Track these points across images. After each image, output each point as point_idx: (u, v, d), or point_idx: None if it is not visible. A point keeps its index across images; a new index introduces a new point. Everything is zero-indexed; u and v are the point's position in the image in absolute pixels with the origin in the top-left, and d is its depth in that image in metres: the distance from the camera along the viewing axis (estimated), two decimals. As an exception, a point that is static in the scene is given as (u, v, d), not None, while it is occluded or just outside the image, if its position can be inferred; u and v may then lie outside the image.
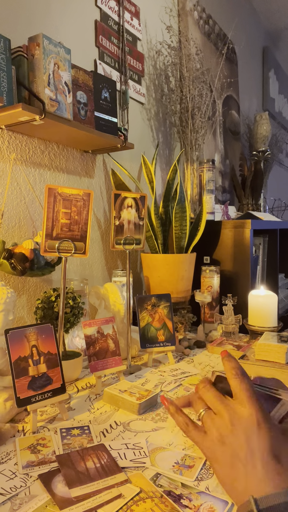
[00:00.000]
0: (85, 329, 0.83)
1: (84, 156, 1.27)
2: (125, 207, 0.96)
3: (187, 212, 1.33)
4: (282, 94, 3.47)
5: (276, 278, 1.81)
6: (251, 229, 1.39)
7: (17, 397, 0.64)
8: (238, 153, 2.45)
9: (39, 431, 0.66)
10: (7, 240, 1.02)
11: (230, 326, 1.15)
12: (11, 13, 1.01)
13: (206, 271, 1.31)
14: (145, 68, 1.59)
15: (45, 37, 0.88)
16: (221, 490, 0.51)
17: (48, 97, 0.90)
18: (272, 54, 3.14)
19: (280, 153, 2.85)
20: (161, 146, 1.72)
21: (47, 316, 0.89)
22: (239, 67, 2.49)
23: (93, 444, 0.61)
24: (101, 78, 1.16)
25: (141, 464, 0.56)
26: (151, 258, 1.30)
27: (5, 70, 0.84)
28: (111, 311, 1.03)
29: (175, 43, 1.71)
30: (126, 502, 0.48)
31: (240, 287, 1.39)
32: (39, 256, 0.96)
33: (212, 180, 1.54)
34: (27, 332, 0.68)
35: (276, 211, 2.77)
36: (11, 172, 1.03)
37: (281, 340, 0.91)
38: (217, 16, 2.17)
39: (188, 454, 0.59)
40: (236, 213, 1.95)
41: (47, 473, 0.54)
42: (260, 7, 2.74)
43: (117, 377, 0.89)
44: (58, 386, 0.69)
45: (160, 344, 0.98)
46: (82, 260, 1.28)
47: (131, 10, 1.49)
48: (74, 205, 0.83)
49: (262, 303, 1.11)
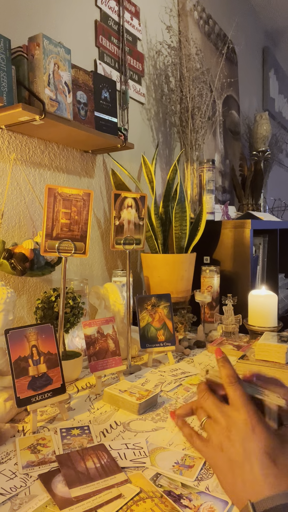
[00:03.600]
0: (85, 329, 0.83)
1: (84, 156, 1.27)
2: (125, 207, 0.96)
3: (187, 212, 1.33)
4: (282, 94, 3.46)
5: (276, 278, 1.81)
6: (251, 229, 1.39)
7: (17, 397, 0.64)
8: (238, 153, 2.45)
9: (39, 431, 0.66)
10: (7, 240, 1.02)
11: (230, 326, 1.15)
12: (11, 13, 1.01)
13: (206, 271, 1.31)
14: (145, 68, 1.59)
15: (45, 37, 0.88)
16: (221, 490, 0.51)
17: (48, 97, 0.90)
18: (272, 54, 3.14)
19: (280, 153, 2.85)
20: (161, 146, 1.72)
21: (47, 316, 0.89)
22: (239, 67, 2.49)
23: (93, 444, 0.61)
24: (101, 78, 1.16)
25: (141, 464, 0.56)
26: (151, 258, 1.30)
27: (5, 70, 0.84)
28: (111, 311, 1.03)
29: (175, 43, 1.71)
30: (126, 502, 0.48)
31: (240, 287, 1.39)
32: (39, 256, 0.96)
33: (212, 180, 1.54)
34: (27, 332, 0.68)
35: (276, 211, 2.77)
36: (11, 172, 1.03)
37: (281, 340, 0.91)
38: (217, 16, 2.17)
39: (188, 454, 0.59)
40: (236, 213, 1.95)
41: (47, 473, 0.54)
42: (260, 7, 2.74)
43: (117, 377, 0.89)
44: (58, 386, 0.69)
45: (160, 344, 0.98)
46: (82, 260, 1.28)
47: (131, 10, 1.49)
48: (74, 205, 0.83)
49: (262, 303, 1.11)
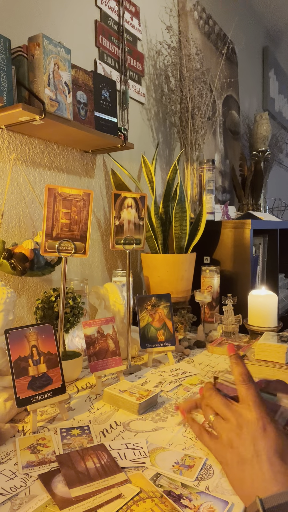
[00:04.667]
0: (85, 329, 0.83)
1: (84, 156, 1.27)
2: (125, 207, 0.96)
3: (187, 212, 1.33)
4: (282, 94, 3.46)
5: (276, 278, 1.81)
6: (251, 229, 1.39)
7: (17, 397, 0.64)
8: (238, 153, 2.45)
9: (39, 431, 0.66)
10: (7, 240, 1.02)
11: (230, 326, 1.15)
12: (11, 13, 1.01)
13: (206, 271, 1.31)
14: (145, 68, 1.59)
15: (45, 37, 0.88)
16: (221, 490, 0.51)
17: (48, 97, 0.90)
18: (272, 54, 3.14)
19: (280, 153, 2.84)
20: (161, 146, 1.72)
21: (47, 316, 0.89)
22: (239, 67, 2.49)
23: (93, 444, 0.61)
24: (101, 78, 1.16)
25: (141, 464, 0.56)
26: (151, 258, 1.30)
27: (5, 70, 0.84)
28: (111, 311, 1.03)
29: (175, 43, 1.71)
30: (126, 502, 0.48)
31: (240, 287, 1.39)
32: (39, 256, 0.96)
33: (212, 180, 1.54)
34: (27, 332, 0.68)
35: (276, 211, 2.77)
36: (11, 172, 1.03)
37: (281, 340, 0.91)
38: (217, 16, 2.17)
39: (188, 454, 0.59)
40: (236, 213, 1.95)
41: (47, 473, 0.54)
42: (260, 7, 2.74)
43: (117, 377, 0.89)
44: (58, 386, 0.69)
45: (160, 344, 0.98)
46: (82, 260, 1.28)
47: (131, 10, 1.49)
48: (74, 205, 0.83)
49: (262, 303, 1.11)
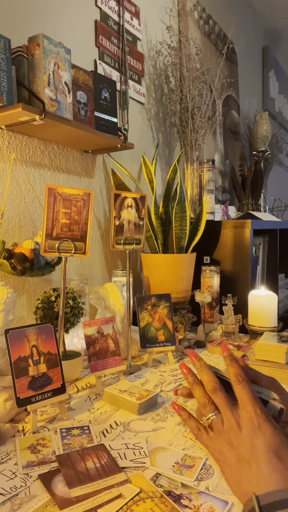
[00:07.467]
0: (85, 329, 0.83)
1: (84, 156, 1.27)
2: (125, 207, 0.96)
3: (187, 212, 1.33)
4: (282, 94, 3.46)
5: (276, 278, 1.81)
6: (251, 229, 1.39)
7: (17, 397, 0.64)
8: (238, 153, 2.45)
9: (39, 431, 0.66)
10: (7, 240, 1.02)
11: (230, 326, 1.15)
12: (11, 13, 1.01)
13: (206, 271, 1.31)
14: (145, 68, 1.59)
15: (45, 37, 0.88)
16: (221, 490, 0.51)
17: (48, 97, 0.90)
18: (272, 54, 3.14)
19: (280, 153, 2.84)
20: (161, 146, 1.72)
21: (47, 316, 0.89)
22: (239, 67, 2.49)
23: (93, 444, 0.61)
24: (101, 78, 1.16)
25: (141, 464, 0.56)
26: (151, 258, 1.30)
27: (5, 70, 0.84)
28: (111, 311, 1.03)
29: (175, 43, 1.71)
30: (126, 502, 0.48)
31: (240, 287, 1.39)
32: (39, 256, 0.96)
33: (212, 180, 1.54)
34: (27, 332, 0.68)
35: (276, 211, 2.77)
36: (11, 172, 1.03)
37: (281, 340, 0.91)
38: (217, 16, 2.17)
39: (188, 454, 0.59)
40: (236, 213, 1.95)
41: (47, 473, 0.54)
42: (260, 7, 2.74)
43: (117, 377, 0.89)
44: (58, 386, 0.69)
45: (160, 344, 0.98)
46: (82, 260, 1.28)
47: (131, 10, 1.49)
48: (74, 205, 0.83)
49: (262, 303, 1.11)
